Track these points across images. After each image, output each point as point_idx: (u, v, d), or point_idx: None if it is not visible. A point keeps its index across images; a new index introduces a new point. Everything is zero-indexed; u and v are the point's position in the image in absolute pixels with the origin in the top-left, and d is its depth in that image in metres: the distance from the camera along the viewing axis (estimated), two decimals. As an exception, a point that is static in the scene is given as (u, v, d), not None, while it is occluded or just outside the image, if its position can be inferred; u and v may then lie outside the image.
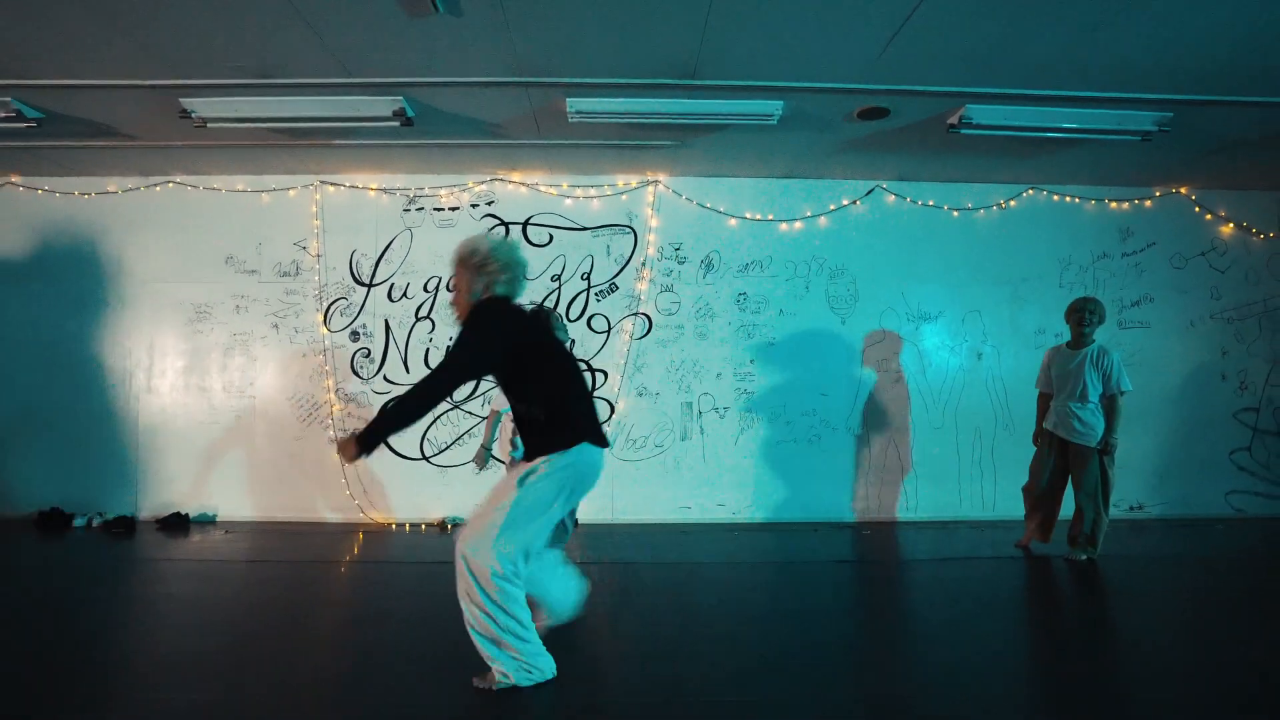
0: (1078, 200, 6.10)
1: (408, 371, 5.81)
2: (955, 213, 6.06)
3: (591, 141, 5.11)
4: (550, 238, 5.92)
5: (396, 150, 5.34)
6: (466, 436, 5.79)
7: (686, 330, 5.96)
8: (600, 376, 5.91)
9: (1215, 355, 6.15)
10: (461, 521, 5.61)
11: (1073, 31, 3.60)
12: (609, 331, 5.92)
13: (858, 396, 5.99)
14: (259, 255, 5.91)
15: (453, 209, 5.93)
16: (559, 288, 5.91)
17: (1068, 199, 6.10)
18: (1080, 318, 4.66)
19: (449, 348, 2.70)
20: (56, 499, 5.72)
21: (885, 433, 6.00)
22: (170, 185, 5.92)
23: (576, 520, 4.79)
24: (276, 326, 5.89)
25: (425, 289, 5.88)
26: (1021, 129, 4.58)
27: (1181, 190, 6.14)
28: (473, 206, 5.93)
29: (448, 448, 5.84)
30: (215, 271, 5.90)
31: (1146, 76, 4.07)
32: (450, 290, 2.81)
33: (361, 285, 5.90)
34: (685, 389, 5.95)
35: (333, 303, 5.89)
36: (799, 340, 5.97)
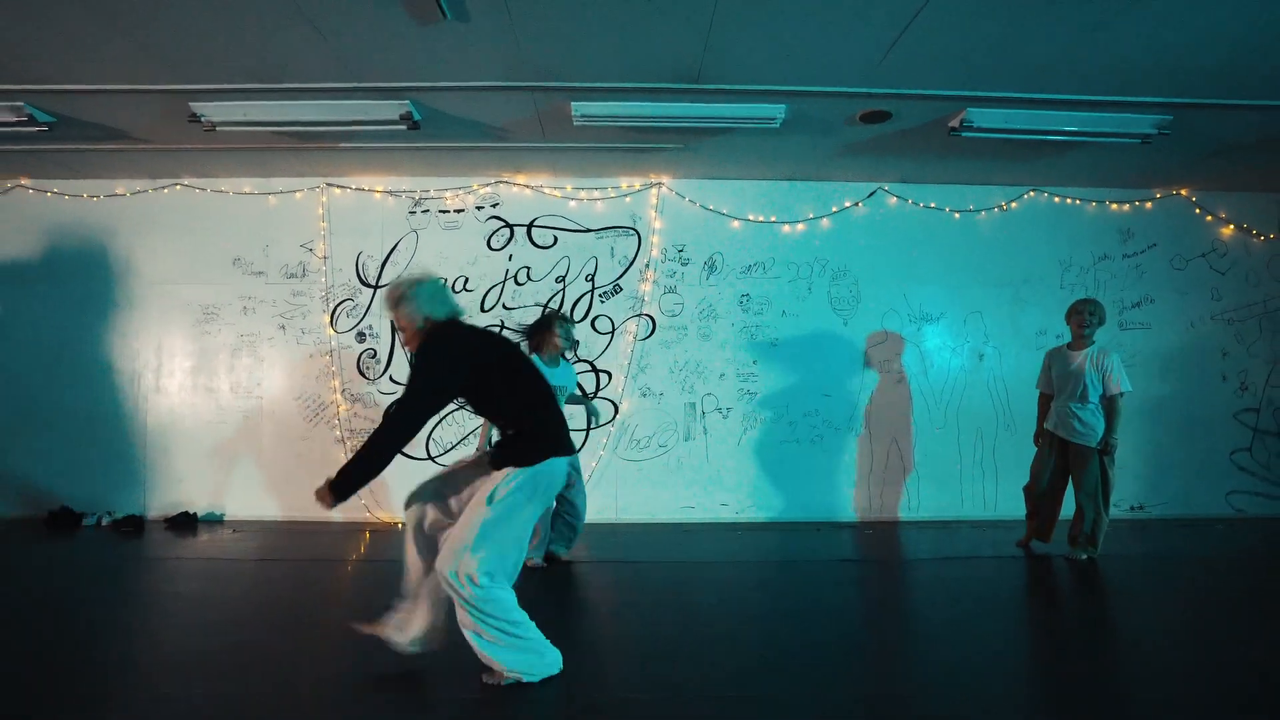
0: (1078, 202, 6.13)
1: (413, 372, 5.86)
2: (957, 214, 6.10)
3: (596, 144, 5.15)
4: (555, 239, 5.97)
5: (402, 153, 5.39)
6: (471, 436, 5.84)
7: (690, 331, 6.00)
8: (604, 377, 5.95)
9: (1216, 356, 6.18)
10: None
11: (1072, 36, 3.64)
12: (613, 332, 5.97)
13: (860, 397, 6.03)
14: (266, 257, 5.96)
15: (458, 211, 5.98)
16: (563, 289, 5.96)
17: (1068, 201, 6.13)
18: (1081, 319, 4.69)
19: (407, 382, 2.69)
20: (66, 498, 5.78)
21: (887, 433, 6.03)
22: (178, 188, 5.97)
23: (582, 521, 4.84)
24: (283, 327, 5.95)
25: (431, 290, 5.92)
26: (1022, 132, 4.62)
27: (1182, 192, 6.17)
28: (477, 209, 5.98)
29: (453, 448, 5.88)
30: (223, 273, 5.96)
31: (1145, 80, 4.11)
32: (398, 334, 2.83)
33: (367, 287, 5.95)
34: (688, 389, 5.99)
35: (339, 304, 5.94)
36: (801, 341, 6.01)
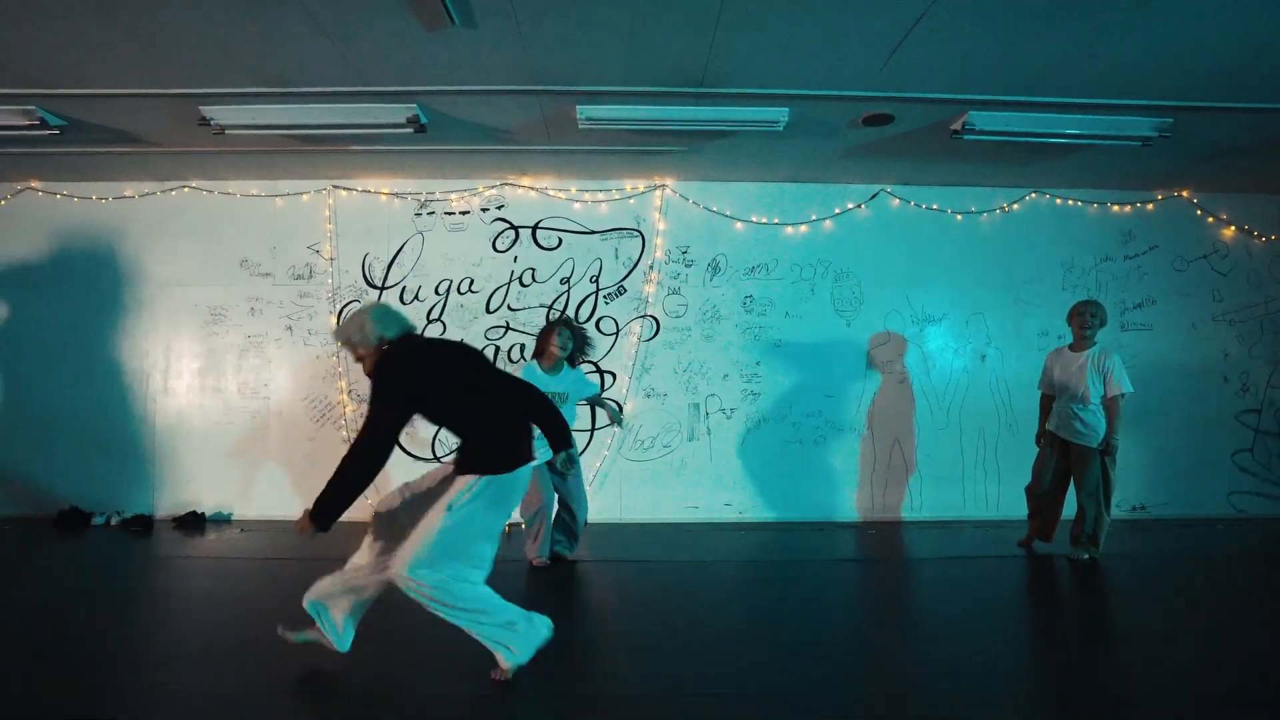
0: (1080, 204, 6.17)
1: (419, 373, 5.90)
2: (959, 216, 6.14)
3: (600, 147, 5.20)
4: (559, 241, 6.02)
5: (409, 155, 5.43)
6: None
7: (693, 332, 6.04)
8: (609, 378, 5.99)
9: (1217, 357, 6.20)
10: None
11: (1072, 40, 3.66)
12: (617, 334, 6.01)
13: (863, 398, 6.07)
14: (273, 259, 6.01)
15: (463, 213, 6.03)
16: (568, 290, 6.00)
17: (1070, 202, 6.17)
18: (1082, 321, 4.72)
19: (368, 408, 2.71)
20: (75, 498, 5.83)
21: (890, 433, 6.07)
22: (186, 190, 6.03)
23: (586, 521, 4.88)
24: (290, 329, 5.99)
25: (436, 292, 5.98)
26: (1023, 134, 4.64)
27: (1183, 194, 6.20)
28: (483, 210, 6.03)
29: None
30: (230, 275, 6.01)
31: (1146, 83, 4.14)
32: (359, 360, 2.86)
33: (374, 288, 6.00)
34: (692, 390, 6.03)
35: (345, 305, 5.99)
36: (804, 342, 6.05)
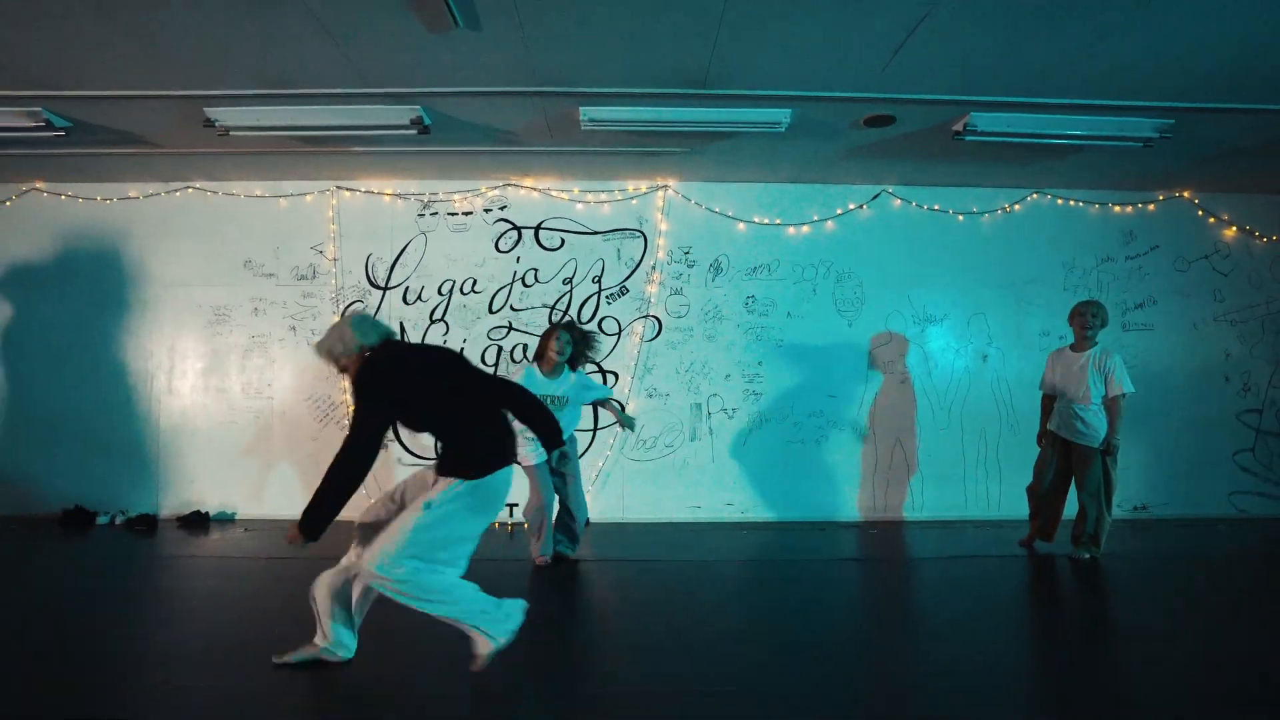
0: (1081, 204, 6.18)
1: (422, 373, 5.92)
2: (960, 217, 6.15)
3: (603, 148, 5.22)
4: (562, 241, 6.03)
5: (412, 156, 5.45)
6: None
7: (695, 332, 6.06)
8: (611, 378, 6.01)
9: (1218, 357, 6.21)
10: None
11: (1074, 41, 3.67)
12: (619, 334, 6.03)
13: (864, 398, 6.08)
14: (277, 259, 6.03)
15: (466, 214, 6.05)
16: (570, 290, 6.02)
17: (1071, 203, 6.18)
18: (1083, 321, 4.74)
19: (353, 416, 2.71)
20: (80, 497, 5.86)
21: (892, 433, 6.08)
22: (190, 191, 6.05)
23: (588, 520, 4.90)
24: (294, 329, 6.01)
25: (439, 292, 6.00)
26: (1025, 135, 4.66)
27: (1184, 194, 6.21)
28: (486, 211, 6.05)
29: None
30: (234, 275, 6.03)
31: (1147, 84, 4.15)
32: (342, 371, 2.87)
33: (377, 288, 6.02)
34: (694, 390, 6.05)
35: (349, 305, 6.01)
36: (806, 342, 6.07)
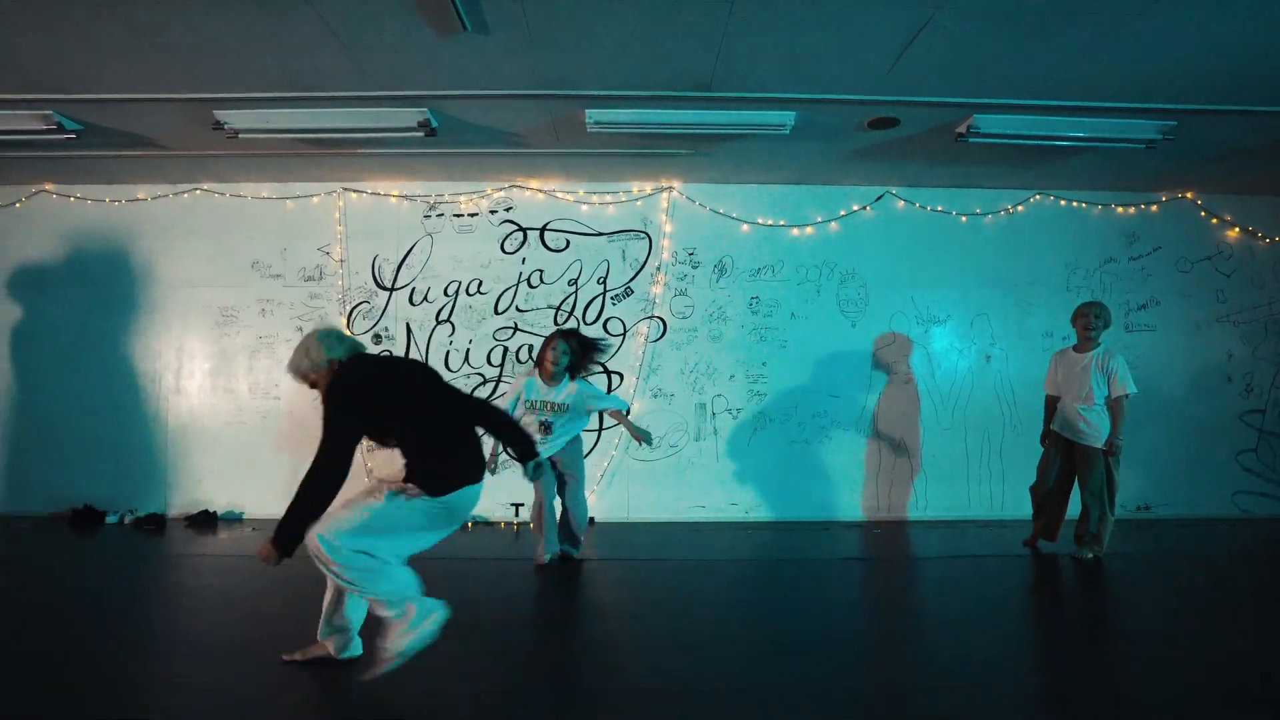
0: (1084, 205, 6.20)
1: (428, 373, 5.96)
2: (963, 218, 6.17)
3: (609, 150, 5.25)
4: (567, 243, 6.07)
5: (418, 158, 5.49)
6: (486, 437, 5.93)
7: (700, 333, 6.09)
8: (616, 378, 6.05)
9: (1221, 358, 6.23)
10: (482, 520, 5.78)
11: (1077, 44, 3.70)
12: (624, 334, 6.06)
13: (868, 398, 6.11)
14: (284, 260, 6.08)
15: (472, 215, 6.08)
16: (575, 291, 6.05)
17: (1074, 204, 6.20)
18: (1086, 322, 4.75)
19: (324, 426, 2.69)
20: (89, 497, 5.90)
21: (895, 434, 6.11)
22: (198, 192, 6.10)
23: (592, 519, 4.92)
24: (301, 329, 6.04)
25: (445, 293, 6.04)
26: (1028, 138, 4.69)
27: (1187, 195, 6.23)
28: (491, 213, 6.09)
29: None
30: (241, 276, 6.07)
31: (1150, 87, 4.17)
32: (313, 386, 2.88)
33: (383, 289, 6.06)
34: (699, 390, 6.08)
35: (356, 306, 6.05)
36: (810, 343, 6.10)
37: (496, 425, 3.07)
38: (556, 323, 6.00)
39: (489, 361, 6.03)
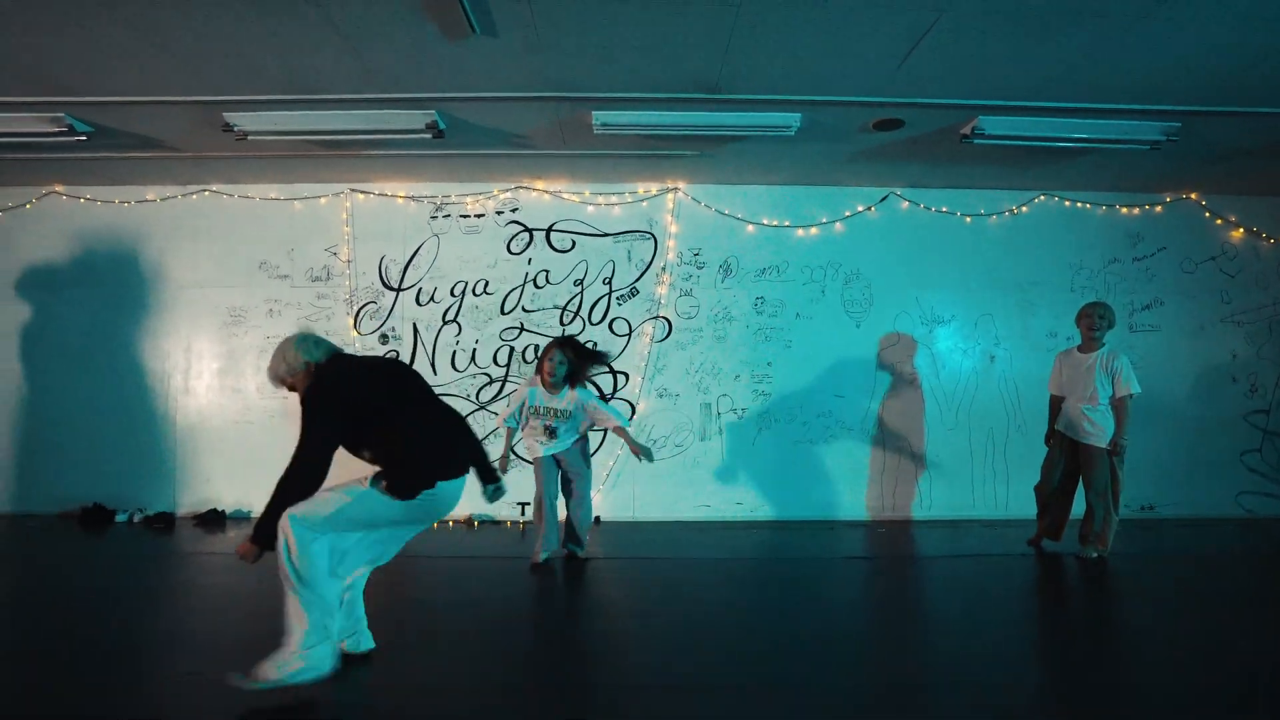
0: (1088, 206, 6.21)
1: (435, 373, 6.00)
2: (968, 219, 6.19)
3: (614, 151, 5.28)
4: (573, 243, 6.10)
5: (425, 160, 5.52)
6: (492, 436, 5.97)
7: (705, 333, 6.11)
8: (621, 378, 6.08)
9: (1225, 358, 6.24)
10: (488, 519, 5.82)
11: (1082, 45, 3.72)
12: (630, 335, 6.09)
13: (873, 398, 6.13)
14: (291, 261, 6.11)
15: (478, 216, 6.12)
16: (581, 292, 6.08)
17: (1078, 205, 6.21)
18: (1090, 322, 4.77)
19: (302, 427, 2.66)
20: (99, 496, 5.95)
21: (900, 433, 6.13)
22: (206, 193, 6.14)
23: (598, 518, 4.95)
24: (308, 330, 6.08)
25: (452, 293, 6.07)
26: (1032, 139, 4.71)
27: (1191, 196, 6.23)
28: (497, 214, 6.12)
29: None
30: (249, 277, 6.11)
31: (1154, 88, 4.19)
32: (292, 390, 2.89)
33: (390, 290, 6.10)
34: (704, 390, 6.10)
35: (362, 306, 6.09)
36: (815, 343, 6.12)
37: (462, 440, 3.05)
38: (562, 323, 6.03)
39: (495, 361, 6.06)
